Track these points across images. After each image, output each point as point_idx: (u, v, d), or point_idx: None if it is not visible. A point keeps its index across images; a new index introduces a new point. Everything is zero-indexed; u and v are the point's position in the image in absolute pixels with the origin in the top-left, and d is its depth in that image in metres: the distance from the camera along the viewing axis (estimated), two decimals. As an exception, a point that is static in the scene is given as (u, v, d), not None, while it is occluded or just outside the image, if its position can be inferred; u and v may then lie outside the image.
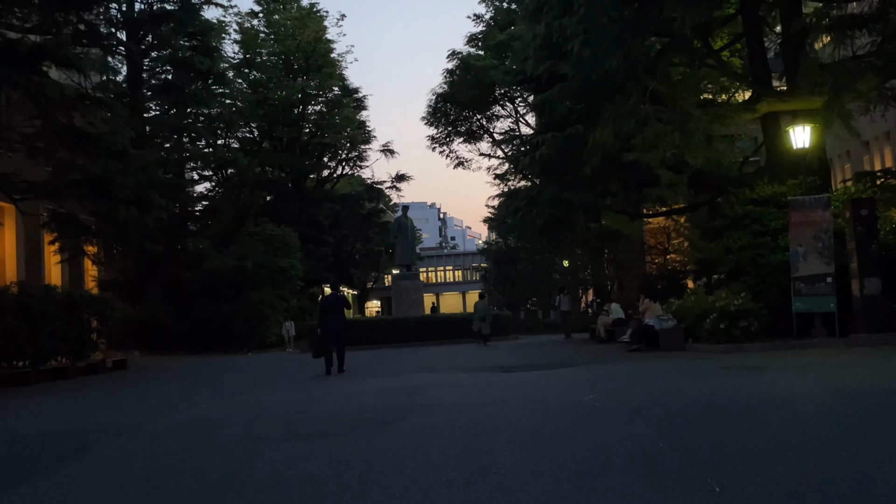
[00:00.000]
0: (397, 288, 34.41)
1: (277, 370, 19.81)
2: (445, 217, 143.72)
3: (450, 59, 42.38)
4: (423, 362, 17.90)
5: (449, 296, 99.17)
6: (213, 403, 10.70)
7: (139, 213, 18.20)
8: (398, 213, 37.50)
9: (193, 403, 10.67)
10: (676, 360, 13.83)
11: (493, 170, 49.14)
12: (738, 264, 17.39)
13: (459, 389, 10.30)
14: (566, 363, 14.89)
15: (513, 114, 45.58)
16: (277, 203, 50.41)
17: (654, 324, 16.64)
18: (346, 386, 12.00)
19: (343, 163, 56.64)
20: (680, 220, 40.98)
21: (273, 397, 11.19)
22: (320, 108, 52.04)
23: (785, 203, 17.58)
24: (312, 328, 33.20)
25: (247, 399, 11.18)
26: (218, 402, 10.95)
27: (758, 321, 15.35)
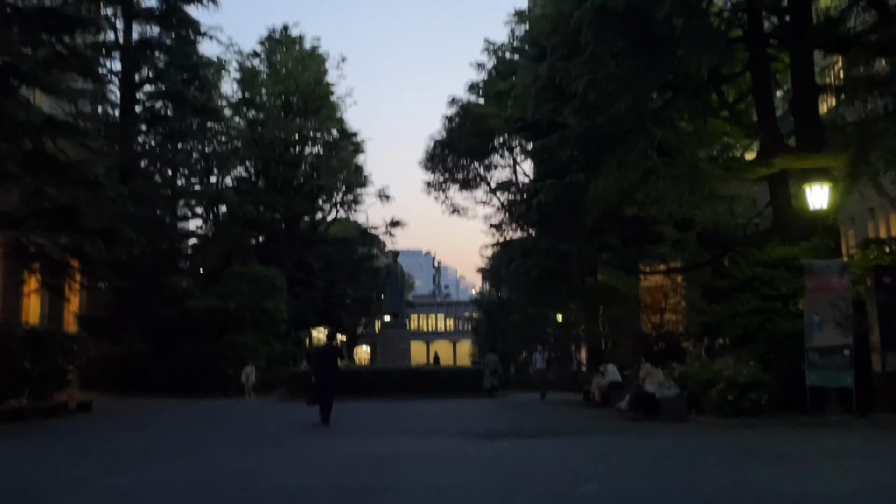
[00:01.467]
0: (384, 336, 33.07)
1: (250, 422, 18.45)
2: (440, 265, 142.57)
3: (450, 106, 41.82)
4: (402, 421, 16.57)
5: (440, 344, 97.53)
6: (147, 468, 9.39)
7: (107, 246, 16.92)
8: (388, 260, 36.34)
9: (126, 467, 9.35)
10: (681, 434, 12.57)
11: (488, 218, 48.29)
12: (746, 330, 16.21)
13: (435, 465, 9.01)
14: (559, 431, 13.61)
15: (511, 163, 44.81)
16: (268, 244, 49.28)
17: (654, 391, 15.36)
18: (308, 452, 10.63)
19: (337, 206, 55.70)
20: (677, 280, 40.01)
21: (222, 461, 9.86)
22: (317, 150, 51.28)
23: (797, 266, 16.46)
24: (294, 374, 32.02)
25: (190, 463, 9.87)
26: (156, 464, 9.66)
27: (768, 394, 14.10)
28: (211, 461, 10.09)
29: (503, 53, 43.93)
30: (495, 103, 39.90)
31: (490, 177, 46.00)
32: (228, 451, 11.19)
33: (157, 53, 34.30)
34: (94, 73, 20.37)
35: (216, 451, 11.39)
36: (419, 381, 27.90)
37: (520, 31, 42.29)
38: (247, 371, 33.18)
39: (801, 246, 16.80)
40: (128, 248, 18.65)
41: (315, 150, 51.35)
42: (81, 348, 25.34)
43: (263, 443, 12.06)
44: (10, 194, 17.65)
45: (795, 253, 16.65)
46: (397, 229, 57.23)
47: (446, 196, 47.47)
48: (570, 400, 25.75)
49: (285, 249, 47.44)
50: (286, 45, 49.98)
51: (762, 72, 18.33)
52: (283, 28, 50.58)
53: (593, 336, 42.03)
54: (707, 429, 13.35)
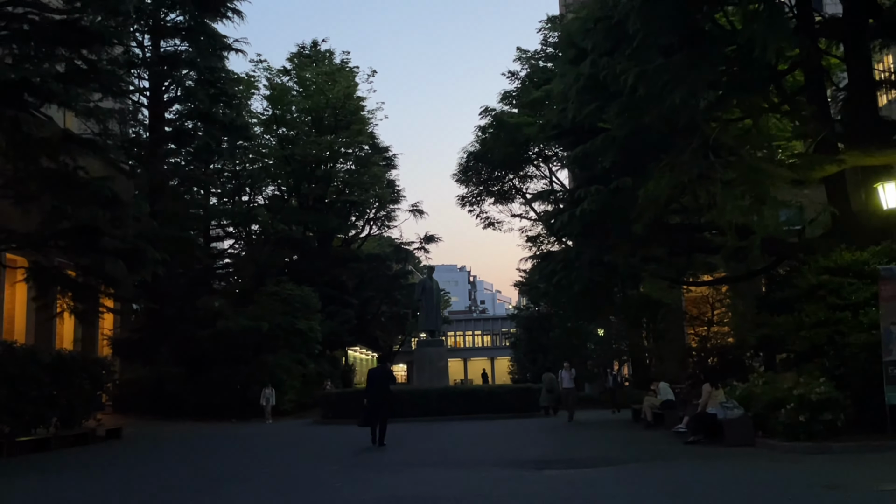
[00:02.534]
0: (420, 355, 31.98)
1: (277, 451, 17.50)
2: (475, 280, 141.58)
3: (482, 116, 40.74)
4: (441, 448, 15.47)
5: (477, 361, 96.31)
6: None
7: (129, 267, 16.14)
8: (423, 275, 35.36)
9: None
10: (752, 462, 11.31)
11: (524, 231, 47.18)
12: (813, 343, 14.88)
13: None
14: (614, 458, 12.41)
15: (546, 174, 43.68)
16: (300, 262, 48.66)
17: (716, 412, 14.10)
18: (325, 496, 9.47)
19: (371, 222, 55.07)
20: (722, 290, 38.46)
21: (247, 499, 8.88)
22: (349, 166, 50.63)
23: (867, 273, 15.15)
24: (326, 397, 31.08)
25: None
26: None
27: (843, 414, 12.79)
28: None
29: (536, 61, 42.89)
30: (529, 112, 38.89)
31: (525, 188, 44.99)
32: (256, 488, 10.17)
33: (184, 70, 33.79)
34: (117, 89, 19.66)
35: (242, 488, 10.46)
36: (458, 402, 26.74)
37: (553, 38, 41.23)
38: (266, 393, 31.66)
39: (871, 250, 15.47)
40: (152, 267, 17.84)
41: (347, 166, 50.71)
42: (109, 373, 24.72)
43: (301, 476, 11.01)
44: (31, 215, 16.97)
45: (865, 258, 15.34)
46: (432, 245, 56.39)
47: (481, 209, 46.54)
48: (613, 419, 24.46)
49: (318, 268, 46.75)
50: (315, 60, 49.57)
51: (817, 65, 17.09)
52: (313, 44, 50.29)
53: (637, 350, 40.68)
54: (779, 455, 12.07)
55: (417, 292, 31.66)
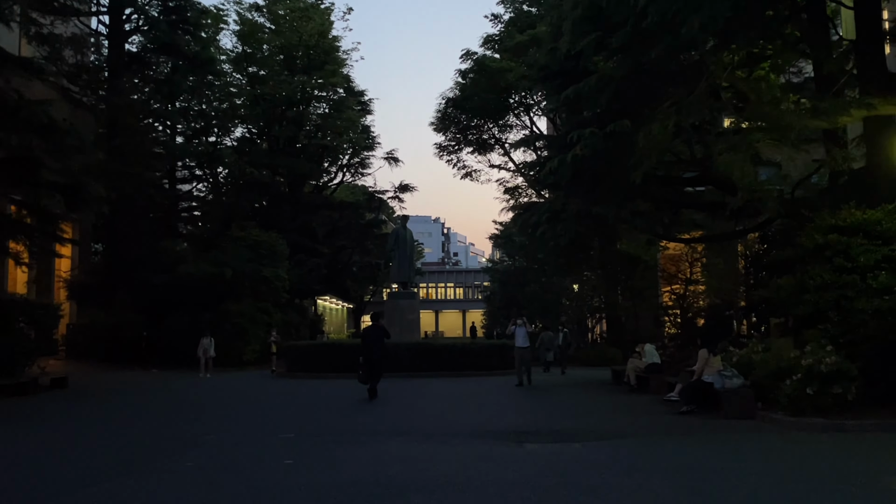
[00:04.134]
0: (392, 307, 30.60)
1: (237, 409, 16.20)
2: (449, 232, 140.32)
3: (463, 60, 38.93)
4: (410, 414, 14.14)
5: (449, 314, 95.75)
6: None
7: (70, 204, 14.46)
8: (397, 224, 33.83)
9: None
10: (761, 441, 10.11)
11: (502, 182, 45.87)
12: (817, 307, 13.69)
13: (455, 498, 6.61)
14: (603, 430, 11.17)
15: (527, 124, 42.17)
16: (269, 208, 46.91)
17: (713, 381, 12.91)
18: (279, 479, 8.07)
19: (344, 169, 53.29)
20: (698, 248, 37.48)
21: (168, 485, 7.40)
22: (322, 109, 48.59)
23: (879, 233, 13.95)
24: (292, 347, 29.59)
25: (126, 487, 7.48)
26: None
27: (854, 387, 11.64)
28: (161, 479, 7.73)
29: (520, 5, 40.98)
30: (512, 57, 37.20)
31: (505, 138, 43.55)
32: (164, 471, 8.69)
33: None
34: (70, 8, 17.66)
35: (192, 454, 9.08)
36: (431, 358, 25.48)
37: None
38: (203, 343, 28.27)
39: (884, 209, 14.25)
40: (97, 206, 16.16)
41: (320, 109, 48.66)
42: (56, 318, 23.12)
43: (212, 456, 9.50)
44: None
45: (878, 217, 14.10)
46: (406, 194, 54.86)
47: (458, 158, 45.11)
48: (594, 379, 23.34)
49: (288, 214, 45.08)
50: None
51: (821, 10, 15.58)
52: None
53: (613, 307, 39.75)
54: (787, 431, 10.86)
55: (390, 242, 30.17)
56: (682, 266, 38.86)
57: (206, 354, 27.93)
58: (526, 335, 20.90)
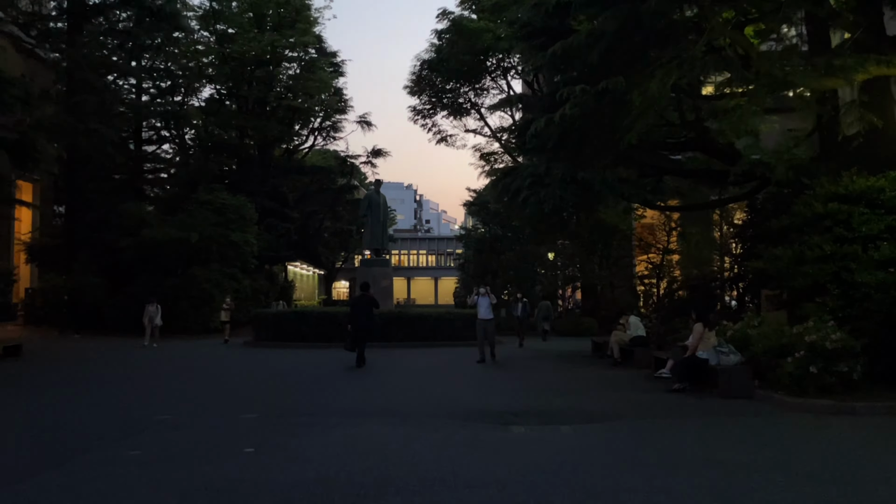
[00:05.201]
0: (364, 275, 29.57)
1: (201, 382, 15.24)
2: (421, 199, 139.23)
3: (440, 20, 37.52)
4: (387, 388, 13.27)
5: (421, 281, 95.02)
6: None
7: (17, 162, 13.23)
8: (370, 189, 32.73)
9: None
10: (769, 424, 9.36)
11: (479, 148, 44.89)
12: (816, 280, 12.96)
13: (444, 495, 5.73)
14: (592, 411, 10.36)
15: (504, 88, 41.03)
16: (238, 171, 45.49)
17: (708, 357, 12.16)
18: (237, 473, 7.14)
19: (315, 132, 51.89)
20: (674, 217, 36.88)
21: (102, 483, 6.42)
22: (293, 70, 46.97)
23: (882, 202, 13.23)
24: (260, 315, 28.46)
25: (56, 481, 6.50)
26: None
27: (860, 366, 10.92)
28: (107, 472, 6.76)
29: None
30: (490, 18, 35.97)
31: (481, 103, 42.40)
32: (105, 460, 7.75)
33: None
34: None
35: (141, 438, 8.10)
36: (405, 328, 24.58)
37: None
38: (149, 311, 25.75)
39: (889, 176, 13.50)
40: (49, 165, 14.91)
41: (291, 70, 47.05)
42: (9, 282, 21.88)
43: (163, 442, 8.54)
44: None
45: (882, 185, 13.35)
46: (379, 160, 53.65)
47: (433, 122, 43.91)
48: (573, 351, 22.61)
49: (258, 178, 43.72)
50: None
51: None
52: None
53: (589, 276, 39.16)
54: (792, 414, 10.09)
55: (363, 207, 29.10)
56: (658, 235, 38.40)
57: (151, 322, 25.51)
58: (489, 306, 18.88)
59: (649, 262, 38.75)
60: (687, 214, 35.12)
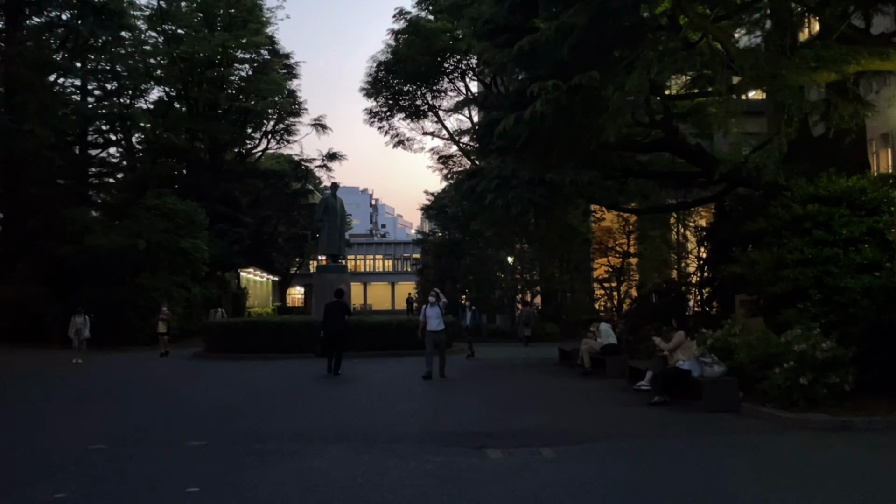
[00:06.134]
0: (320, 281, 28.55)
1: (144, 401, 14.15)
2: (377, 203, 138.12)
3: (396, 20, 36.69)
4: (347, 406, 12.34)
5: (378, 286, 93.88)
6: None
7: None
8: (326, 192, 31.69)
9: None
10: (766, 443, 8.67)
11: (437, 151, 44.22)
12: (797, 285, 12.41)
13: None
14: (572, 430, 9.59)
15: (463, 90, 40.34)
16: (189, 175, 44.02)
17: (690, 368, 11.50)
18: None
19: (269, 136, 50.66)
20: (631, 220, 36.57)
21: None
22: (245, 72, 45.67)
23: (863, 203, 12.76)
24: (209, 325, 26.97)
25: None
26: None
27: (851, 376, 10.34)
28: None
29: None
30: (449, 18, 35.21)
31: (439, 105, 41.67)
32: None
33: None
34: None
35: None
36: (364, 337, 23.57)
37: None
38: (76, 322, 23.92)
39: (870, 176, 13.06)
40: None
41: (243, 71, 45.75)
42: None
43: (90, 479, 7.55)
44: None
45: (864, 185, 12.87)
46: (335, 163, 52.62)
47: (390, 125, 43.04)
48: (539, 359, 21.88)
49: (208, 182, 42.35)
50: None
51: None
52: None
53: (549, 281, 38.65)
54: (787, 430, 9.39)
55: (319, 211, 28.02)
56: (618, 238, 38.06)
57: (79, 336, 23.65)
58: (440, 315, 16.49)
59: (609, 265, 38.57)
60: (644, 217, 34.86)
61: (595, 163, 17.52)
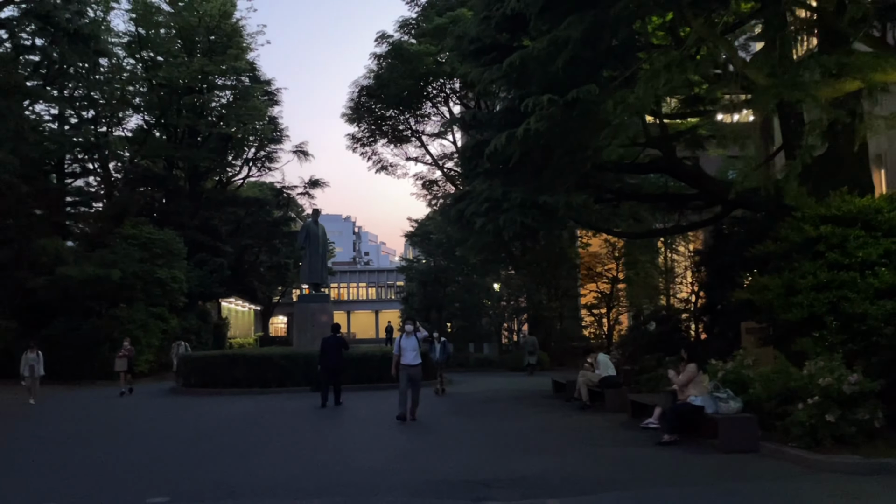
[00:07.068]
0: (301, 311, 27.56)
1: (108, 447, 13.09)
2: (360, 231, 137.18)
3: (378, 43, 35.98)
4: (326, 449, 11.34)
5: (361, 314, 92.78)
6: None
7: None
8: (308, 220, 30.76)
9: None
10: (801, 493, 7.74)
11: (420, 176, 43.48)
12: (812, 312, 11.59)
13: None
14: (581, 478, 8.64)
15: (446, 114, 39.63)
16: (168, 203, 42.95)
17: (702, 403, 10.60)
18: None
19: (250, 163, 49.76)
20: (618, 245, 35.87)
21: None
22: (226, 98, 44.81)
23: (879, 224, 12.00)
24: (186, 359, 25.62)
25: None
26: None
27: (881, 411, 9.48)
28: None
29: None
30: (431, 42, 34.59)
31: (422, 130, 40.95)
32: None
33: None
34: None
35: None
36: (349, 368, 22.40)
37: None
38: (29, 359, 21.32)
39: (885, 195, 12.33)
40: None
41: (223, 98, 44.87)
42: None
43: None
44: None
45: (880, 205, 12.11)
46: (317, 190, 51.81)
47: (373, 151, 42.18)
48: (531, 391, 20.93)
49: (188, 210, 41.35)
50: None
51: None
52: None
53: (537, 308, 37.76)
54: (817, 474, 8.47)
55: (301, 238, 27.07)
56: (606, 263, 37.32)
57: (32, 373, 21.08)
58: (417, 348, 14.89)
59: (598, 291, 37.78)
60: (633, 242, 34.14)
61: (588, 185, 16.73)
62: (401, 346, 14.81)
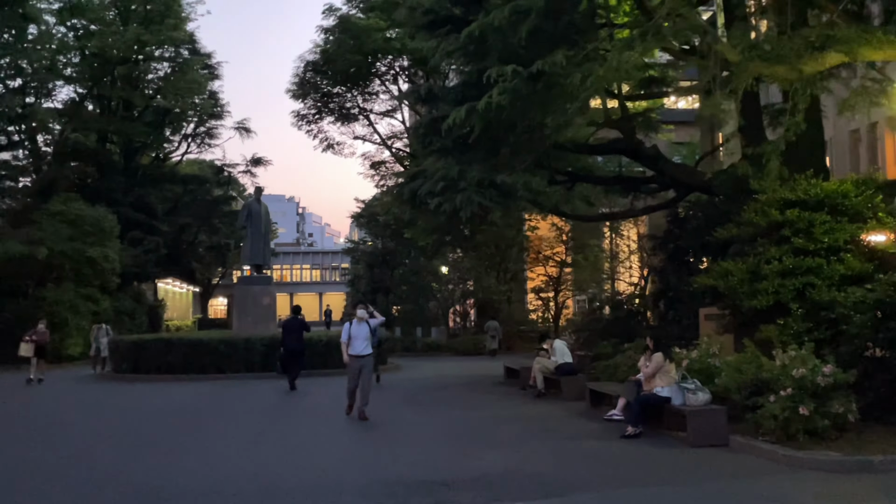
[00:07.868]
0: (242, 294, 26.46)
1: (40, 432, 12.00)
2: (304, 212, 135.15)
3: (325, 17, 34.77)
4: (272, 444, 10.51)
5: (305, 297, 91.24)
6: None
7: None
8: (249, 198, 29.60)
9: None
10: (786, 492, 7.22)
11: (368, 156, 42.50)
12: (779, 299, 11.21)
13: None
14: (547, 478, 7.99)
15: (395, 93, 38.65)
16: (100, 179, 41.06)
17: (669, 394, 10.08)
18: None
19: (189, 139, 48.02)
20: (565, 229, 35.64)
21: None
22: (163, 70, 43.00)
23: (845, 209, 11.67)
24: (118, 343, 24.23)
25: None
26: None
27: (855, 404, 9.07)
28: None
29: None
30: (381, 17, 33.57)
31: (370, 108, 39.88)
32: None
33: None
34: None
35: None
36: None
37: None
38: None
39: (851, 178, 11.98)
40: None
41: (161, 71, 43.06)
42: None
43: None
44: None
45: (847, 189, 11.75)
46: (260, 168, 50.34)
47: (319, 129, 40.93)
48: (482, 377, 20.37)
49: (121, 187, 39.58)
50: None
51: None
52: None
53: (485, 291, 37.26)
54: (797, 472, 7.95)
55: (242, 217, 25.94)
56: (554, 247, 37.04)
57: None
58: (367, 337, 12.89)
59: (546, 275, 37.49)
60: (579, 226, 33.84)
61: (544, 165, 16.13)
62: (350, 333, 12.82)
